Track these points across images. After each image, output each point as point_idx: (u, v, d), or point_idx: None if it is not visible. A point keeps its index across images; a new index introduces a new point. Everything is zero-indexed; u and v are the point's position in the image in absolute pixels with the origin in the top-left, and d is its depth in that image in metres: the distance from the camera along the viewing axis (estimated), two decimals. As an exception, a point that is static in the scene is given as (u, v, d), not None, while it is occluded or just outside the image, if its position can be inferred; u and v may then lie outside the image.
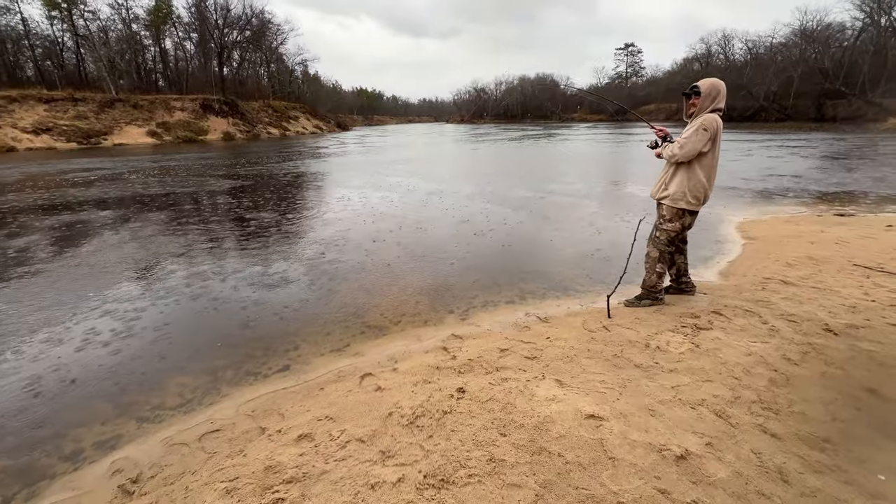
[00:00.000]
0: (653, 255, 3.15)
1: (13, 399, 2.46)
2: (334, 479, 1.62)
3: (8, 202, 8.38)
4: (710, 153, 2.83)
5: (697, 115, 2.85)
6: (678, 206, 2.95)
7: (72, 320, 3.41)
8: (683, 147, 2.81)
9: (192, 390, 2.54)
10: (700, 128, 2.76)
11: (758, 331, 2.75)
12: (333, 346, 3.00)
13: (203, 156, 19.06)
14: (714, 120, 2.76)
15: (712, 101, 2.82)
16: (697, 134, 2.76)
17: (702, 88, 2.84)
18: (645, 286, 3.25)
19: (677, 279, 3.41)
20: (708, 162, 2.86)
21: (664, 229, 3.06)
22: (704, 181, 2.88)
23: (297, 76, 58.99)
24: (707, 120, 2.75)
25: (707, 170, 2.88)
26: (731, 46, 58.19)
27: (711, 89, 2.81)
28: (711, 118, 2.76)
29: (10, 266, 4.70)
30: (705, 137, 2.76)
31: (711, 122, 2.75)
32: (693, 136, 2.78)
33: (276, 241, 5.56)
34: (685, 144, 2.80)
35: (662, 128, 3.22)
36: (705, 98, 2.82)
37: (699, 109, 2.85)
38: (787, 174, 10.37)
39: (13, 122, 24.90)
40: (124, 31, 40.76)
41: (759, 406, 2.00)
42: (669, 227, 3.03)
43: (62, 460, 2.03)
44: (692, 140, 2.77)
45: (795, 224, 5.77)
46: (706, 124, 2.75)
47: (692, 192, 2.90)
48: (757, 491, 1.51)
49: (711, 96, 2.81)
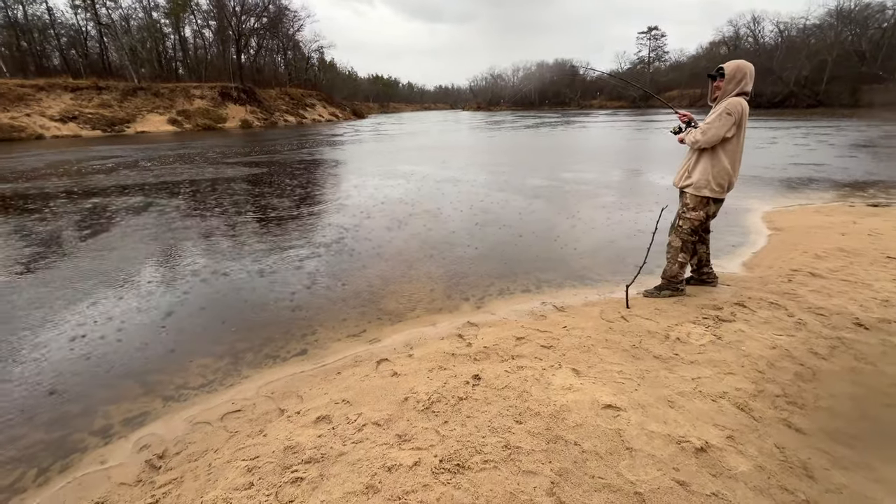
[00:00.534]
0: (675, 245, 3.07)
1: (46, 376, 2.57)
2: (352, 461, 1.65)
3: (67, 185, 8.68)
4: (734, 138, 2.72)
5: (722, 98, 2.75)
6: (702, 195, 2.86)
7: (97, 302, 3.53)
8: (706, 133, 2.71)
9: (214, 371, 2.61)
10: (723, 112, 2.66)
11: (783, 324, 2.67)
12: (350, 331, 3.04)
13: (222, 143, 19.32)
14: (738, 104, 2.64)
15: (737, 83, 2.70)
16: (721, 119, 2.66)
17: (726, 70, 2.72)
18: (666, 276, 3.18)
19: (698, 269, 3.32)
20: (732, 147, 2.76)
21: (687, 218, 2.97)
22: (729, 168, 2.78)
23: (314, 63, 58.98)
24: (731, 104, 2.65)
25: (731, 156, 2.77)
26: (762, 29, 55.68)
27: (736, 71, 2.69)
28: (736, 102, 2.64)
29: (50, 246, 4.88)
30: (729, 122, 2.65)
31: (736, 106, 2.64)
32: (716, 120, 2.68)
33: (293, 228, 5.62)
34: (708, 130, 2.70)
35: (686, 113, 3.11)
36: (729, 80, 2.71)
37: (724, 93, 2.74)
38: (817, 162, 9.95)
39: (41, 110, 25.63)
40: (145, 20, 41.37)
41: (784, 400, 1.95)
42: (693, 215, 2.95)
43: (93, 435, 2.12)
44: (715, 125, 2.68)
45: (825, 214, 5.55)
46: (730, 108, 2.64)
47: (716, 179, 2.80)
48: (780, 486, 1.48)
49: (736, 79, 2.70)
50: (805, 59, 44.14)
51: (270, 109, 39.29)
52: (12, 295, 3.70)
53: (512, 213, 6.12)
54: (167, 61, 44.21)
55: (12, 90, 25.26)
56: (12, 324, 3.20)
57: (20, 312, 3.38)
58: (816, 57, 43.95)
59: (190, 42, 46.27)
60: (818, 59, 43.72)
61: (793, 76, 45.38)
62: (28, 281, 4.01)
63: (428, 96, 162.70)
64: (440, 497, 1.44)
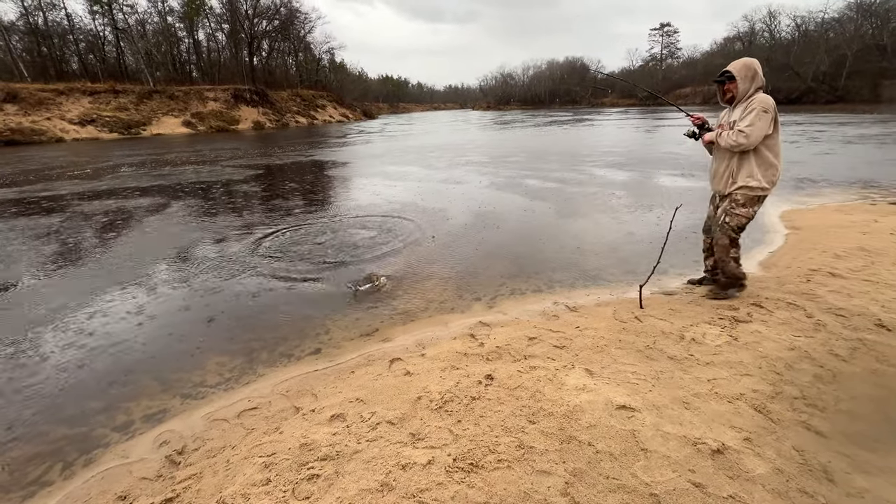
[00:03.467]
0: (723, 243, 2.98)
1: (68, 372, 2.65)
2: (366, 459, 1.67)
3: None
4: (774, 133, 2.70)
5: (743, 98, 2.72)
6: (754, 193, 2.81)
7: (115, 300, 3.61)
8: (749, 136, 2.64)
9: (231, 370, 2.66)
10: (760, 110, 2.61)
11: (802, 325, 2.62)
12: (362, 330, 3.06)
13: (236, 145, 19.59)
14: (770, 100, 2.63)
15: (751, 80, 2.69)
16: (760, 118, 2.61)
17: (735, 72, 2.70)
18: (726, 275, 3.08)
19: (713, 270, 3.27)
20: (774, 143, 2.73)
21: (736, 214, 2.89)
22: (776, 162, 2.75)
23: (325, 65, 59.44)
24: (764, 102, 2.61)
25: (775, 151, 2.75)
26: (778, 24, 54.53)
27: (746, 70, 2.68)
28: (767, 99, 2.62)
29: (69, 246, 5.01)
30: (768, 119, 2.62)
31: (770, 103, 2.62)
32: (756, 120, 2.62)
33: (304, 228, 5.68)
34: (751, 133, 2.63)
35: (699, 115, 3.06)
36: (743, 80, 2.70)
37: (742, 93, 2.72)
38: (837, 159, 9.71)
39: (61, 113, 26.26)
40: (160, 24, 42.14)
41: (803, 402, 1.91)
42: (742, 212, 2.87)
43: (115, 431, 2.17)
44: (757, 125, 2.62)
45: (845, 213, 5.42)
46: (765, 105, 2.61)
47: (767, 177, 2.76)
48: (799, 489, 1.46)
49: (749, 77, 2.68)
50: (824, 53, 43.08)
51: (282, 111, 39.70)
52: (30, 294, 3.81)
53: (523, 212, 6.10)
54: (181, 64, 44.98)
55: (33, 94, 25.92)
56: (31, 322, 3.30)
57: (37, 310, 3.48)
58: (836, 52, 42.85)
59: (203, 45, 47.02)
60: (837, 53, 42.63)
61: (810, 71, 44.32)
62: (44, 282, 4.12)
63: (438, 96, 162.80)
64: (454, 495, 1.45)
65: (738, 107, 2.76)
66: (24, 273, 4.31)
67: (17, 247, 5.14)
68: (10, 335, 3.12)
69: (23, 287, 3.97)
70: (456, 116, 57.67)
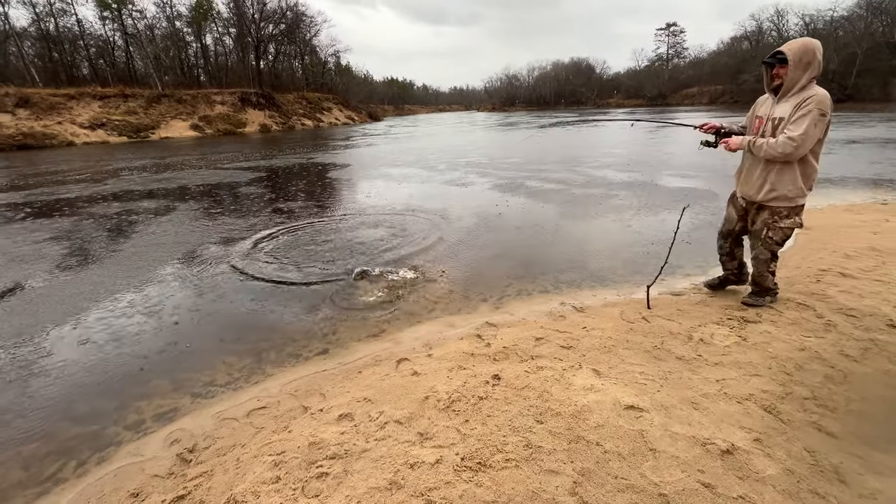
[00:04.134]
0: (764, 258, 2.72)
1: (81, 372, 2.69)
2: (375, 458, 1.68)
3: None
4: (822, 141, 2.39)
5: (792, 91, 2.32)
6: (798, 204, 2.54)
7: (124, 300, 3.66)
8: (801, 146, 2.27)
9: (239, 370, 2.68)
10: (818, 114, 2.22)
11: (812, 325, 2.60)
12: (369, 331, 3.08)
13: (243, 148, 19.76)
14: (828, 99, 2.23)
15: (806, 68, 2.23)
16: (817, 125, 2.24)
17: (789, 54, 2.24)
18: (762, 287, 2.86)
19: (739, 273, 3.13)
20: (820, 147, 2.43)
21: (781, 228, 2.61)
22: (817, 166, 2.47)
23: (330, 67, 59.83)
24: (823, 102, 2.22)
25: (818, 154, 2.44)
26: (786, 22, 54.03)
27: (804, 53, 2.22)
28: (825, 98, 2.23)
29: (82, 249, 5.09)
30: (824, 124, 2.26)
31: (828, 104, 2.24)
32: (812, 127, 2.24)
33: (309, 229, 5.72)
34: (804, 142, 2.26)
35: (711, 123, 2.80)
36: (797, 65, 2.24)
37: (792, 81, 2.30)
38: (845, 159, 9.61)
39: (72, 118, 26.66)
40: (169, 29, 42.66)
41: (814, 403, 1.90)
42: (787, 223, 2.60)
43: (127, 429, 2.20)
44: (811, 135, 2.26)
45: (856, 213, 5.36)
46: (823, 107, 2.22)
47: (808, 184, 2.48)
48: (811, 490, 1.45)
49: (804, 62, 2.23)
50: (833, 52, 42.63)
51: (288, 114, 40.01)
52: (40, 295, 3.88)
53: (529, 213, 6.10)
54: (189, 68, 45.49)
55: (45, 99, 26.35)
56: (43, 322, 3.35)
57: (48, 311, 3.53)
58: (845, 50, 42.43)
59: (211, 49, 47.54)
60: (847, 51, 42.20)
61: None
62: (54, 283, 4.18)
63: (443, 98, 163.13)
64: (463, 494, 1.46)
65: (785, 100, 2.35)
66: (35, 274, 4.37)
67: (27, 248, 5.22)
68: (23, 335, 3.17)
69: (33, 288, 4.04)
70: (461, 118, 57.75)
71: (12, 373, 2.71)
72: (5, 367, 2.78)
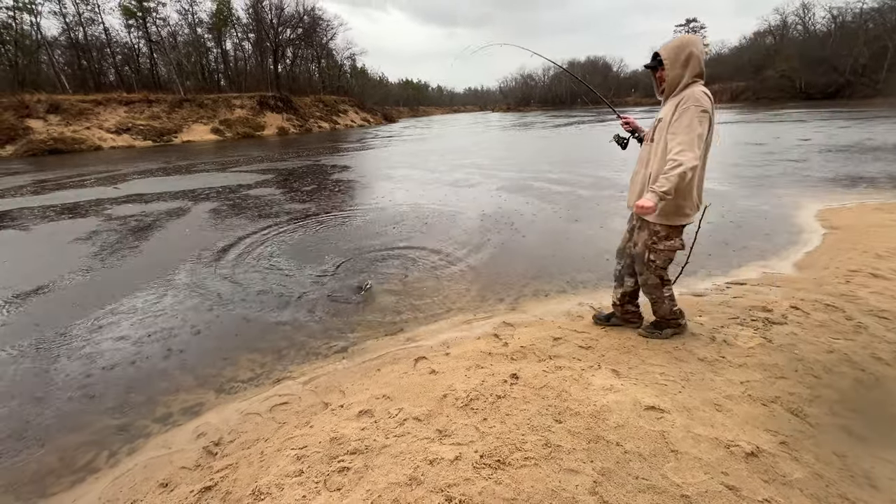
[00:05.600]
0: (651, 283, 2.42)
1: (109, 366, 2.79)
2: (394, 453, 1.70)
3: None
4: (707, 147, 2.07)
5: (674, 91, 2.12)
6: (674, 223, 2.23)
7: (149, 298, 3.79)
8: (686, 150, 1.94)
9: (262, 366, 2.75)
10: (696, 110, 1.96)
11: (841, 327, 2.52)
12: (387, 330, 3.11)
13: (262, 151, 20.15)
14: (704, 97, 1.99)
15: (685, 65, 2.04)
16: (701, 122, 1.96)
17: (663, 54, 2.09)
18: (660, 316, 2.52)
19: (622, 305, 2.66)
20: (704, 162, 2.11)
21: (660, 250, 2.30)
22: (699, 183, 2.16)
23: (346, 70, 60.52)
24: (700, 100, 1.98)
25: (702, 170, 2.14)
26: (812, 16, 52.31)
27: (679, 51, 2.05)
28: (701, 94, 1.99)
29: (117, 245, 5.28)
30: (706, 120, 1.98)
31: (707, 102, 1.98)
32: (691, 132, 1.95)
33: (327, 230, 5.80)
34: (688, 146, 1.94)
35: (629, 118, 2.55)
36: (673, 65, 2.07)
37: (671, 83, 2.11)
38: (874, 156, 9.25)
39: (99, 123, 27.61)
40: (190, 35, 43.82)
41: (843, 407, 1.84)
42: (667, 245, 2.29)
43: (155, 422, 2.28)
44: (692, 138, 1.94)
45: (887, 212, 5.16)
46: (700, 103, 1.96)
47: (688, 200, 2.15)
48: (840, 494, 1.41)
49: (682, 60, 2.05)
50: (863, 45, 41.07)
51: (305, 116, 40.60)
52: (68, 294, 4.03)
53: (546, 214, 6.06)
54: (210, 74, 46.62)
55: (74, 105, 27.36)
56: (72, 319, 3.49)
57: (78, 309, 3.68)
58: (875, 43, 40.79)
59: (231, 54, 48.62)
60: (878, 45, 40.56)
61: (848, 64, 42.32)
62: (82, 283, 4.35)
63: (458, 99, 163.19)
64: (482, 491, 1.47)
65: (669, 101, 2.14)
66: (62, 273, 4.55)
67: (55, 248, 5.44)
68: (57, 331, 3.31)
69: (60, 287, 4.21)
70: (476, 119, 57.68)
71: (46, 365, 2.83)
72: (39, 359, 2.91)
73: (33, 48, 34.62)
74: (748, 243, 4.40)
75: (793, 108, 32.28)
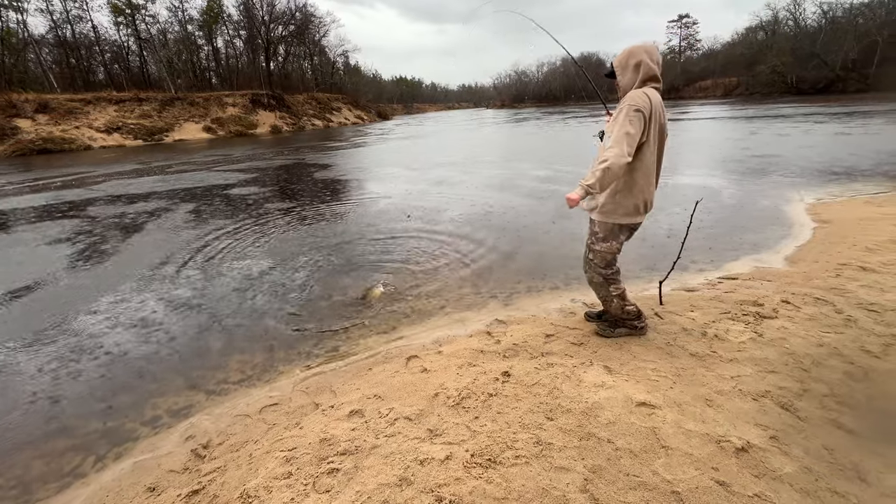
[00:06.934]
0: (596, 281, 2.44)
1: (98, 369, 2.75)
2: (385, 454, 1.69)
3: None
4: (647, 144, 2.07)
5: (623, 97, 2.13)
6: (611, 221, 2.23)
7: (138, 299, 3.74)
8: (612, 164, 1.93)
9: (252, 367, 2.72)
10: (628, 109, 1.98)
11: (831, 320, 2.53)
12: (379, 329, 3.09)
13: (255, 150, 19.99)
14: (640, 96, 2.00)
15: (635, 70, 2.08)
16: (632, 122, 1.97)
17: (614, 63, 2.17)
18: (611, 315, 2.53)
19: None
20: (648, 158, 2.10)
21: (597, 251, 2.34)
22: (643, 184, 2.13)
23: (339, 68, 60.12)
24: (635, 98, 2.00)
25: (647, 168, 2.11)
26: (803, 11, 52.53)
27: (628, 58, 2.11)
28: (637, 94, 2.02)
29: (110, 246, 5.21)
30: (640, 120, 1.98)
31: (641, 101, 1.99)
32: (625, 124, 1.98)
33: (320, 227, 5.76)
34: (616, 144, 1.96)
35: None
36: (623, 72, 2.13)
37: (625, 88, 2.15)
38: (863, 150, 9.32)
39: (88, 122, 27.25)
40: (181, 33, 43.31)
41: (833, 400, 1.85)
42: (604, 247, 2.31)
43: (143, 425, 2.25)
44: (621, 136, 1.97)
45: (877, 205, 5.20)
46: (633, 102, 1.99)
47: (627, 200, 2.17)
48: (829, 488, 1.41)
49: (631, 66, 2.10)
50: (853, 40, 41.35)
51: (298, 114, 40.33)
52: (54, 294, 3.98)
53: (539, 211, 6.06)
54: (201, 72, 46.13)
55: (63, 104, 26.98)
56: (57, 321, 3.44)
57: (62, 310, 3.62)
58: (865, 38, 41.10)
59: (222, 52, 48.10)
60: (867, 40, 40.86)
61: (839, 59, 42.63)
62: (69, 283, 4.29)
63: (452, 95, 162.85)
64: (472, 490, 1.46)
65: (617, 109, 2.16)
66: (49, 272, 4.49)
67: (44, 247, 5.36)
68: (38, 335, 3.26)
69: (46, 287, 4.14)
70: (470, 116, 57.58)
71: (35, 368, 2.79)
72: (27, 361, 2.86)
73: (20, 46, 34.05)
74: (740, 238, 4.41)
75: (784, 102, 32.50)
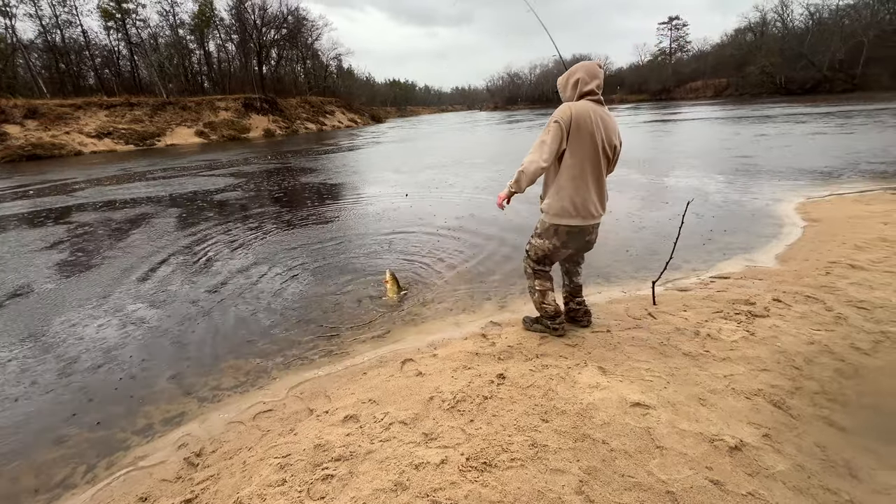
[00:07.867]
0: (526, 270, 2.60)
1: (90, 376, 2.72)
2: (380, 459, 1.68)
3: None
4: (568, 150, 2.16)
5: None
6: (548, 221, 2.35)
7: (130, 304, 3.70)
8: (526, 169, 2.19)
9: (245, 373, 2.69)
10: (549, 121, 2.15)
11: (821, 318, 2.56)
12: (374, 332, 3.08)
13: (247, 154, 19.89)
14: (562, 109, 2.13)
15: (573, 88, 2.21)
16: (550, 132, 2.14)
17: (558, 84, 2.31)
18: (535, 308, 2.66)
19: (566, 303, 2.75)
20: (575, 168, 2.17)
21: (532, 244, 2.50)
22: (571, 189, 2.21)
23: (332, 71, 60.04)
24: (558, 111, 2.14)
25: (574, 173, 2.18)
26: (790, 13, 53.34)
27: (565, 80, 2.26)
28: (561, 107, 2.16)
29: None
30: (555, 134, 2.12)
31: (563, 114, 2.11)
32: (543, 135, 2.17)
33: (313, 235, 5.74)
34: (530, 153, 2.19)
35: None
36: (563, 90, 2.28)
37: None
38: (851, 149, 9.46)
39: (79, 127, 26.99)
40: (172, 37, 43.08)
41: (824, 398, 1.87)
42: (537, 243, 2.44)
43: (135, 434, 2.22)
44: (538, 144, 2.17)
45: (865, 203, 5.28)
46: (556, 113, 2.13)
47: (557, 202, 2.27)
48: (821, 486, 1.42)
49: (569, 84, 2.23)
50: (839, 41, 42.01)
51: (291, 118, 40.20)
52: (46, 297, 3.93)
53: (531, 214, 6.08)
54: (193, 76, 45.88)
55: (53, 110, 26.69)
56: (48, 327, 3.39)
57: (53, 316, 3.58)
58: (851, 39, 41.79)
59: (214, 56, 47.85)
60: (853, 40, 41.55)
61: (826, 60, 43.29)
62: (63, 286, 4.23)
63: (445, 98, 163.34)
64: (468, 494, 1.45)
65: None
66: (40, 279, 4.43)
67: (33, 255, 5.29)
68: (28, 339, 3.21)
69: (39, 292, 4.09)
70: (463, 118, 57.73)
71: (23, 376, 2.75)
72: (14, 371, 2.82)
73: (8, 52, 33.72)
74: (731, 238, 4.45)
75: (773, 103, 32.91)
